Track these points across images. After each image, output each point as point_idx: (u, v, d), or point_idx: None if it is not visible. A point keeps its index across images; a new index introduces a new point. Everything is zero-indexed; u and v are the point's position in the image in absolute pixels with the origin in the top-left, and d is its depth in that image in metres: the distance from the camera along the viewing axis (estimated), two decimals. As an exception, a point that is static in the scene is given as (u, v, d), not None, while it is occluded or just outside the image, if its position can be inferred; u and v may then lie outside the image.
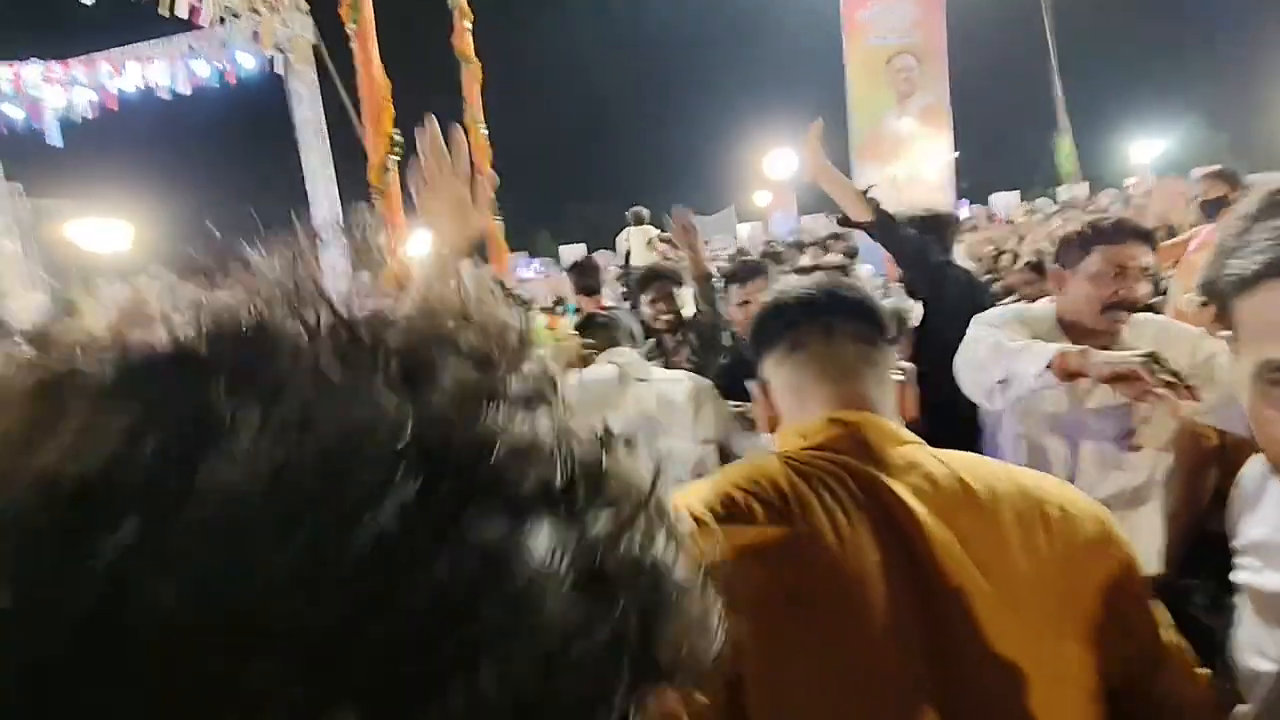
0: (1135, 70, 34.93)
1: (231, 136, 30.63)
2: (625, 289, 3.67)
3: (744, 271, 2.71)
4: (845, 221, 2.73)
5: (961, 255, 4.74)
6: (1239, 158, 27.64)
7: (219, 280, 0.31)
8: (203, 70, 13.28)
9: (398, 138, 2.64)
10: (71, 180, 19.17)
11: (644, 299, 3.13)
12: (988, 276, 5.67)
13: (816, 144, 2.63)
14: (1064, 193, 27.94)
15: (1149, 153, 30.87)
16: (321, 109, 14.78)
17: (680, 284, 3.17)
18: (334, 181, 15.37)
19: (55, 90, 12.65)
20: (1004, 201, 27.78)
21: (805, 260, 5.94)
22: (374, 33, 2.65)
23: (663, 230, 6.60)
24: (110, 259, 22.00)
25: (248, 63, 13.58)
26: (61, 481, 0.23)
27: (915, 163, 8.59)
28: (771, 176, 29.46)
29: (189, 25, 12.27)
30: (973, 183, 8.99)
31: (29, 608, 0.22)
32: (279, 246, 0.33)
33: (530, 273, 20.86)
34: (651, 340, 3.17)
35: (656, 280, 3.12)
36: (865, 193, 2.63)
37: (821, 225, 28.56)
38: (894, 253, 2.69)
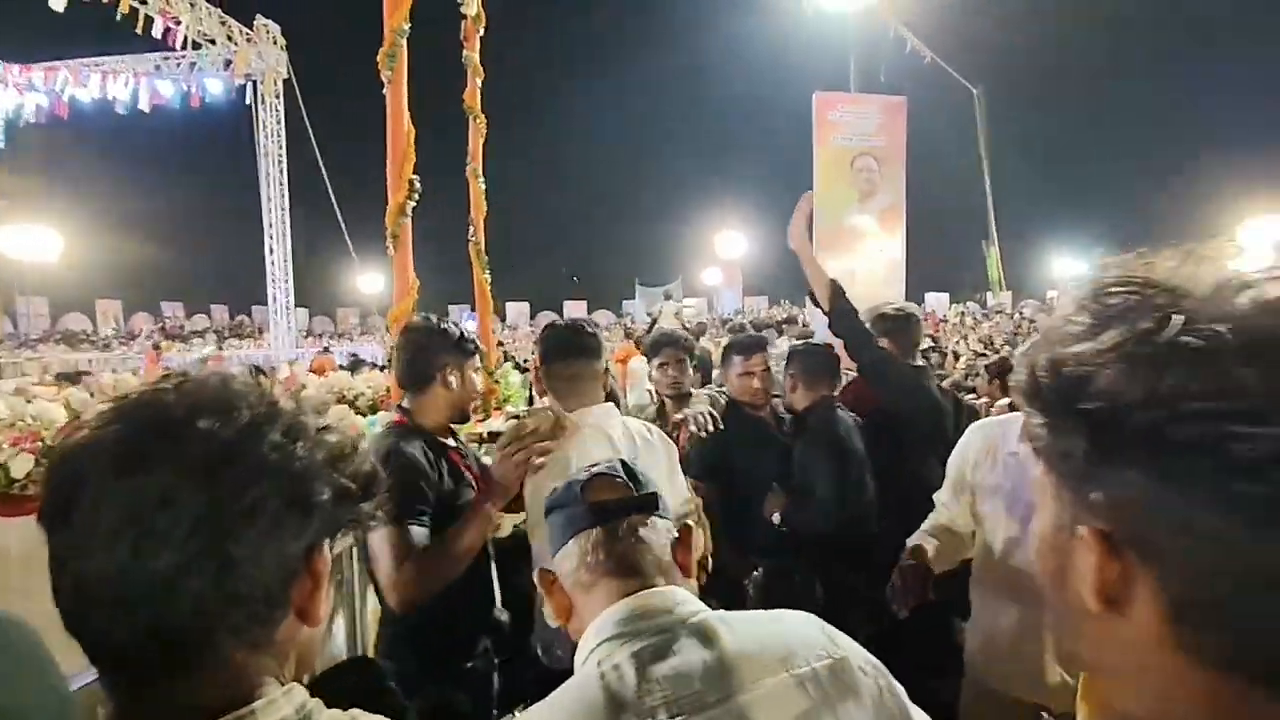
0: (1061, 195, 37.97)
1: (187, 159, 29.93)
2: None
3: (748, 344, 2.78)
4: (814, 299, 2.90)
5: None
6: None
7: None
8: (167, 90, 13.09)
9: (417, 185, 2.67)
10: (6, 184, 18.30)
11: (654, 363, 3.10)
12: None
13: (804, 218, 2.89)
14: (991, 299, 29.74)
15: (1070, 270, 33.28)
16: (284, 141, 14.71)
17: (691, 353, 3.17)
18: (288, 211, 15.21)
19: (9, 93, 12.21)
20: (937, 301, 29.42)
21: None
22: (405, 81, 2.71)
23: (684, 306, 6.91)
24: (34, 267, 20.93)
25: (215, 88, 13.48)
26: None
27: (870, 258, 8.99)
28: (722, 255, 30.45)
29: (160, 45, 12.17)
30: (910, 281, 9.49)
31: None
32: None
33: (472, 325, 20.63)
34: (653, 405, 3.17)
35: (668, 346, 3.06)
36: (833, 282, 2.79)
37: (763, 306, 29.65)
38: (841, 338, 2.82)
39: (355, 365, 8.14)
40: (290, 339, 14.30)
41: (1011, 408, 3.32)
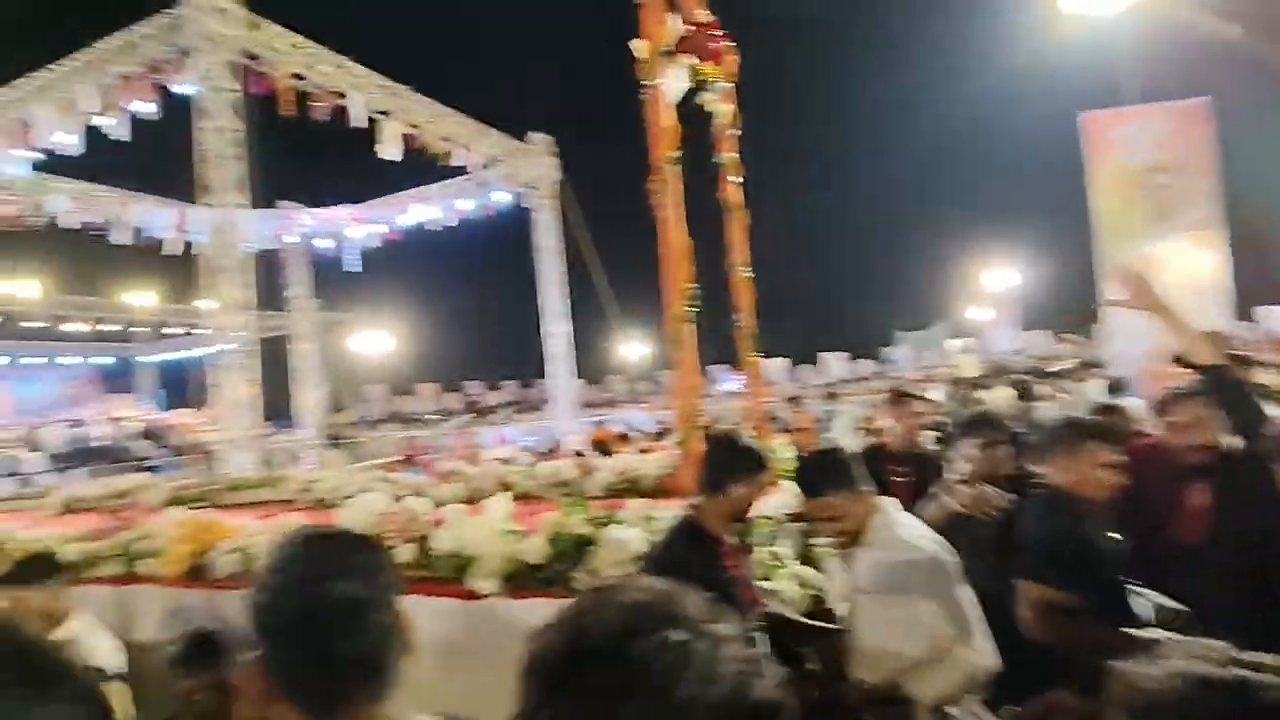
0: None
1: (484, 261, 34.74)
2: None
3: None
4: (1183, 362, 2.48)
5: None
6: None
7: None
8: (466, 206, 15.53)
9: (694, 293, 2.96)
10: (352, 298, 22.98)
11: (970, 443, 2.85)
12: None
13: (1133, 280, 2.52)
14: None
15: None
16: (559, 237, 16.60)
17: (1011, 436, 2.91)
18: (567, 299, 17.00)
19: (357, 228, 15.41)
20: (1275, 316, 24.22)
21: (1047, 390, 5.64)
22: (682, 203, 3.03)
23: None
24: (373, 361, 25.90)
25: (503, 199, 15.72)
26: None
27: (1178, 283, 7.87)
28: (991, 290, 28.05)
29: (459, 170, 14.55)
30: (1238, 298, 8.08)
31: None
32: None
33: (734, 386, 20.88)
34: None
35: (987, 427, 2.90)
36: (1215, 334, 2.47)
37: (1043, 341, 26.50)
38: (1227, 411, 2.39)
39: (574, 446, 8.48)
40: (572, 412, 15.86)
41: None
